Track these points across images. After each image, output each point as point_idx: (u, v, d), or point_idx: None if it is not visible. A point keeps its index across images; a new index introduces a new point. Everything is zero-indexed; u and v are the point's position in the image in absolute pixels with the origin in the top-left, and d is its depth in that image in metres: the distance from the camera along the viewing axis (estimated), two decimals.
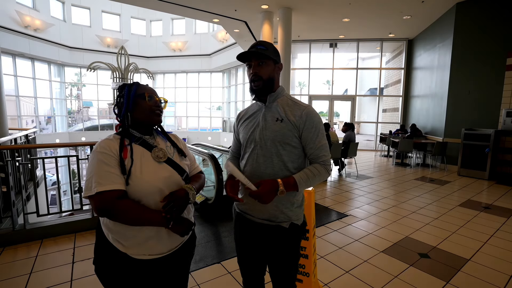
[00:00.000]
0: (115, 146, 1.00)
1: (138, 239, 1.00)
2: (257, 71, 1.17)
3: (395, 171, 6.69)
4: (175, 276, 1.13)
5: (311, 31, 9.01)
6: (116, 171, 0.96)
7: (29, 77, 12.21)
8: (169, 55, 15.95)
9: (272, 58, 1.17)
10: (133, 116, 1.07)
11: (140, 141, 1.07)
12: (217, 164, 3.61)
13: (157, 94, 1.13)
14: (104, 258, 1.04)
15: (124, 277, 1.01)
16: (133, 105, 1.06)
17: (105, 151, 0.97)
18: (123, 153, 0.99)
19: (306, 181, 1.13)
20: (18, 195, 3.44)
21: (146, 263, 1.02)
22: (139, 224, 0.97)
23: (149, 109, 1.07)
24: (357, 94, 10.48)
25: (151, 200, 1.01)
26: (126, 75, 11.77)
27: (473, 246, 2.81)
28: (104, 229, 1.04)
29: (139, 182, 0.98)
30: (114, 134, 1.06)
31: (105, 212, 0.93)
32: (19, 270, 2.28)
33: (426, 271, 2.34)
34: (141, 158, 1.03)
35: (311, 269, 1.90)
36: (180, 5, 7.04)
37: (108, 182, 0.93)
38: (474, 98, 6.43)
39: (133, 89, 1.07)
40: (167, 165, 1.08)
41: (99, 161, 0.95)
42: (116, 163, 0.97)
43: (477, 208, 4.00)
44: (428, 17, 7.59)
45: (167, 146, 1.15)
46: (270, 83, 1.20)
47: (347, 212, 3.78)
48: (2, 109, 4.59)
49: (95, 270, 1.06)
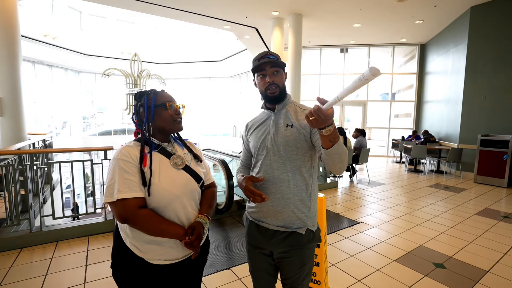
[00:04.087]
0: (136, 153, 1.02)
1: (154, 244, 1.02)
2: (273, 79, 1.20)
3: (408, 178, 6.54)
4: (189, 281, 1.15)
5: (321, 36, 9.01)
6: (136, 179, 0.98)
7: (47, 83, 12.68)
8: (181, 61, 16.28)
9: (283, 67, 1.22)
10: (154, 125, 1.09)
11: (159, 148, 1.09)
12: (228, 169, 3.63)
13: (175, 99, 1.15)
14: (122, 262, 1.06)
15: (140, 281, 1.03)
16: (154, 115, 1.08)
17: (126, 158, 1.00)
18: (144, 162, 1.01)
19: (339, 144, 1.00)
20: (35, 198, 3.55)
21: (161, 268, 1.04)
22: (157, 234, 1.00)
23: (171, 118, 1.10)
24: (369, 99, 10.35)
25: (170, 207, 1.03)
26: (139, 81, 12.06)
27: (492, 257, 2.70)
28: (122, 234, 1.06)
29: (157, 189, 1.01)
30: (134, 140, 1.08)
31: (125, 219, 0.96)
32: (35, 271, 2.34)
33: (442, 282, 2.26)
34: (160, 166, 1.05)
35: (322, 277, 1.87)
36: (193, 13, 7.19)
37: (128, 190, 0.96)
38: (490, 103, 6.25)
39: (153, 98, 1.08)
40: (185, 172, 1.10)
41: (120, 168, 0.98)
42: (137, 170, 1.00)
43: (496, 217, 3.85)
44: (442, 21, 7.47)
45: (184, 153, 1.17)
46: (284, 91, 1.25)
47: (359, 219, 3.72)
48: (22, 114, 4.78)
49: (113, 273, 1.08)
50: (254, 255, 1.32)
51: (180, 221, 1.06)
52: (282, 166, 1.18)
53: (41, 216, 2.91)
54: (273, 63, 1.18)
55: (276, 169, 1.19)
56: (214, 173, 5.05)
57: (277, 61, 1.18)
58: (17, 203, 2.83)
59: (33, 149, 4.13)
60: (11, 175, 2.78)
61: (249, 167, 1.36)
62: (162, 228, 0.99)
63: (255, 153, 1.28)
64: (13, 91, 4.63)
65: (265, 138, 1.23)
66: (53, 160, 4.65)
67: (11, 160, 3.04)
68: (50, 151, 3.49)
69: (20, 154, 3.27)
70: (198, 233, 1.03)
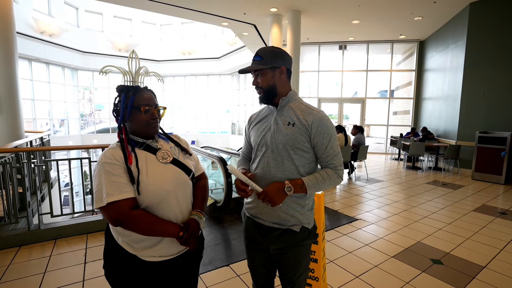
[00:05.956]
0: (120, 154, 1.00)
1: (148, 241, 1.01)
2: (257, 82, 1.21)
3: (406, 175, 6.57)
4: (185, 277, 1.14)
5: (320, 33, 8.98)
6: (123, 180, 0.96)
7: (44, 81, 12.59)
8: (179, 58, 16.19)
9: (268, 66, 1.17)
10: (129, 124, 1.07)
11: (144, 146, 1.07)
12: (226, 167, 3.63)
13: (155, 101, 1.11)
14: (114, 261, 1.04)
15: (134, 280, 1.02)
16: (129, 116, 1.05)
17: (111, 160, 0.97)
18: (128, 160, 0.99)
19: (315, 184, 1.13)
20: (33, 196, 3.54)
21: (155, 265, 1.02)
22: (152, 234, 0.99)
23: (145, 122, 1.06)
24: (367, 96, 10.35)
25: (163, 203, 1.02)
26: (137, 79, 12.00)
27: (489, 253, 2.72)
28: (113, 233, 1.05)
29: (146, 186, 0.99)
30: (116, 142, 1.06)
31: (119, 222, 0.94)
32: (34, 269, 2.34)
33: (439, 277, 2.28)
34: (147, 162, 1.03)
35: (320, 273, 1.88)
36: (190, 10, 7.14)
37: (117, 192, 0.94)
38: (488, 100, 6.26)
39: (131, 98, 1.05)
40: (173, 166, 1.08)
41: (106, 171, 0.96)
42: (123, 171, 0.98)
43: (493, 214, 3.88)
44: (441, 18, 7.46)
45: (171, 147, 1.14)
46: (272, 90, 1.20)
47: (357, 216, 3.73)
48: (19, 112, 4.75)
49: (105, 274, 1.06)
50: (252, 250, 1.32)
51: (175, 216, 1.05)
52: (280, 164, 1.17)
53: (39, 214, 2.90)
54: (252, 69, 1.18)
55: (273, 167, 1.18)
56: (213, 171, 5.05)
57: (255, 67, 1.17)
58: (15, 201, 2.82)
59: (30, 147, 4.12)
60: (8, 173, 2.77)
61: (250, 159, 1.35)
62: (156, 228, 0.98)
63: (254, 148, 1.28)
64: (10, 89, 4.60)
65: (266, 135, 1.22)
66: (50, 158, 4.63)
67: (8, 158, 3.03)
68: (47, 149, 3.48)
69: (17, 152, 3.26)
70: (193, 231, 1.02)
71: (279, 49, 1.20)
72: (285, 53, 1.21)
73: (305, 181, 1.12)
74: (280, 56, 1.18)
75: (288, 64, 1.21)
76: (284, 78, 1.21)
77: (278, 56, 1.18)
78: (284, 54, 1.20)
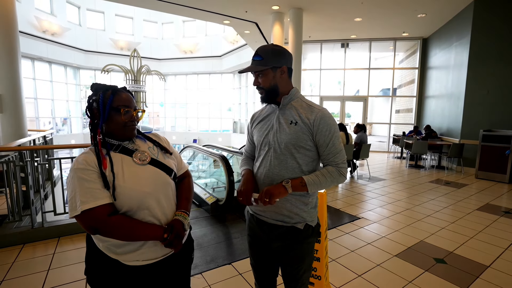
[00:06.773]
0: (93, 159, 0.95)
1: (130, 246, 0.97)
2: (258, 82, 1.20)
3: (408, 174, 6.54)
4: (172, 281, 1.09)
5: (322, 31, 8.93)
6: (98, 186, 0.92)
7: (46, 80, 12.64)
8: (181, 57, 16.17)
9: (269, 66, 1.15)
10: (106, 126, 1.02)
11: (120, 148, 1.03)
12: (228, 165, 3.62)
13: (134, 102, 1.06)
14: (96, 266, 1.00)
15: (117, 286, 0.98)
16: (107, 117, 1.00)
17: (83, 166, 0.92)
18: (103, 164, 0.95)
19: (316, 182, 1.12)
20: (36, 194, 3.57)
21: (139, 269, 0.98)
22: (134, 239, 0.95)
23: (123, 124, 1.02)
24: (369, 94, 10.30)
25: (143, 207, 0.98)
26: (138, 77, 12.03)
27: (493, 252, 2.70)
28: (94, 238, 1.01)
29: (123, 191, 0.94)
30: (90, 146, 1.01)
31: (95, 230, 0.91)
32: (37, 266, 2.35)
33: (442, 277, 2.27)
34: (123, 166, 0.98)
35: (323, 272, 1.87)
36: (191, 8, 7.12)
37: (92, 199, 0.89)
38: (492, 98, 6.20)
39: (109, 99, 0.99)
40: (152, 167, 1.04)
41: (79, 178, 0.91)
42: (97, 176, 0.93)
43: (497, 213, 3.85)
44: (444, 15, 7.39)
45: (149, 147, 1.10)
46: (273, 90, 1.19)
47: (359, 215, 3.72)
48: (22, 111, 4.77)
49: (87, 280, 1.03)
50: (254, 248, 1.32)
51: (157, 219, 1.01)
52: (283, 163, 1.17)
53: (43, 212, 2.92)
54: (253, 69, 1.17)
55: (276, 166, 1.17)
56: (215, 169, 5.05)
57: (256, 67, 1.16)
58: (19, 199, 2.83)
59: (34, 146, 4.14)
60: (12, 171, 2.79)
61: (253, 158, 1.34)
62: (138, 232, 0.93)
63: (257, 147, 1.27)
64: (13, 88, 4.62)
65: (268, 134, 1.22)
66: (53, 157, 4.66)
67: (12, 157, 3.04)
68: (50, 147, 3.49)
69: (20, 150, 3.27)
70: (177, 232, 0.98)
71: (280, 47, 1.18)
72: (285, 51, 1.19)
73: (305, 179, 1.12)
74: (281, 55, 1.16)
75: (289, 62, 1.20)
76: (286, 77, 1.20)
77: (278, 55, 1.16)
78: (285, 53, 1.19)
